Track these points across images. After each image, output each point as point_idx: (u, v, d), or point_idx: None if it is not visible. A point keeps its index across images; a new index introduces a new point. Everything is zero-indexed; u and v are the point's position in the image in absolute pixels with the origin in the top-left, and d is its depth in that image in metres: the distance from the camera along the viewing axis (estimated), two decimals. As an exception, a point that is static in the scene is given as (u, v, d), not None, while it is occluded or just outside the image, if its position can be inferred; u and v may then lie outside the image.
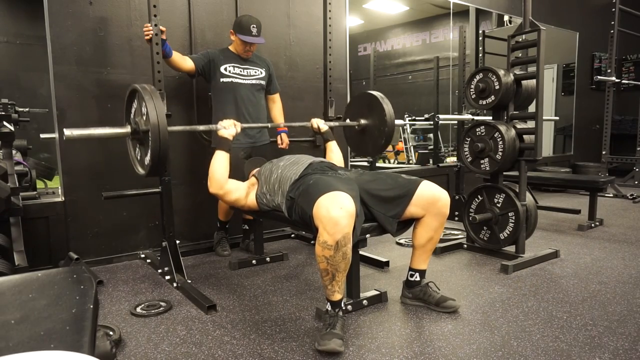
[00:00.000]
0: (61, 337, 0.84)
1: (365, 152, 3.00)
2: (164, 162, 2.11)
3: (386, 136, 2.71)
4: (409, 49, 6.88)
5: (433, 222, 2.05)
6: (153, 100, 2.03)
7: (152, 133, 2.00)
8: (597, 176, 4.63)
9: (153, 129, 2.00)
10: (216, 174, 2.21)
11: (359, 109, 2.88)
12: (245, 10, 3.31)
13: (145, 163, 2.17)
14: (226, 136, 2.27)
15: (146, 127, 2.04)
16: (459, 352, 1.73)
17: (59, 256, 2.77)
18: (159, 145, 2.02)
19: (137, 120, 2.14)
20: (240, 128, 2.34)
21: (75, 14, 2.75)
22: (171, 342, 1.86)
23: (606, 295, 2.28)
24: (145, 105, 2.03)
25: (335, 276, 1.77)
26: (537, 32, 2.65)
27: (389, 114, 2.68)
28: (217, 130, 2.29)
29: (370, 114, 2.80)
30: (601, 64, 6.78)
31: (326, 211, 1.69)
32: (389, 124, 2.68)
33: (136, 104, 2.19)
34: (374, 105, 2.76)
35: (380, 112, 2.70)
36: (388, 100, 2.75)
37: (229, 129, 2.28)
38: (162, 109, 2.05)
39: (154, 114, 2.01)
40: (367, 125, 2.81)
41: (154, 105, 2.02)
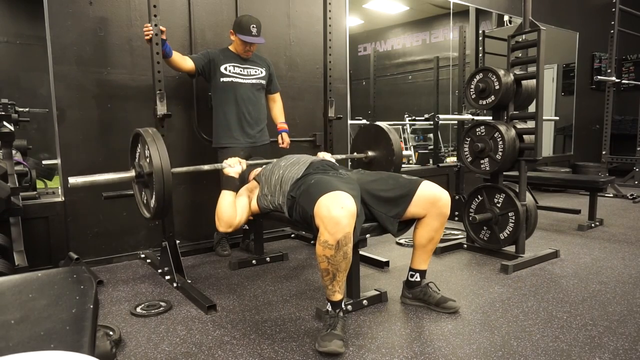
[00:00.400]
0: (61, 337, 0.84)
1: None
2: (168, 205, 2.09)
3: (395, 165, 2.78)
4: (409, 49, 6.88)
5: (434, 223, 2.05)
6: (156, 144, 2.04)
7: (156, 176, 2.01)
8: (597, 176, 4.63)
9: (157, 172, 2.01)
10: (224, 215, 2.11)
11: (365, 141, 2.97)
12: (245, 10, 3.31)
13: (150, 206, 2.17)
14: (232, 174, 2.21)
15: (150, 170, 2.06)
16: (459, 352, 1.73)
17: (59, 256, 2.77)
18: (162, 188, 2.02)
19: (142, 164, 2.15)
20: (245, 165, 2.30)
21: (75, 14, 2.75)
22: (171, 342, 1.86)
23: (606, 295, 2.28)
24: (148, 149, 2.04)
25: (335, 276, 1.77)
26: (537, 32, 2.65)
27: (395, 144, 2.77)
28: (223, 168, 2.25)
29: (377, 145, 2.89)
30: (601, 64, 6.78)
31: (327, 211, 1.69)
32: (396, 154, 2.77)
33: (140, 148, 2.20)
34: (380, 136, 2.86)
35: (387, 142, 2.79)
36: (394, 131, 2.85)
37: (235, 167, 2.23)
38: (165, 152, 2.05)
39: (157, 158, 2.01)
40: (374, 156, 2.88)
41: (157, 149, 2.03)
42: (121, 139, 2.90)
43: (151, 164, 2.04)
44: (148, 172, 2.09)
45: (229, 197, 2.14)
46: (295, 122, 3.59)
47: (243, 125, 2.96)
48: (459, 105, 4.49)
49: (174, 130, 3.10)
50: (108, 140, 2.91)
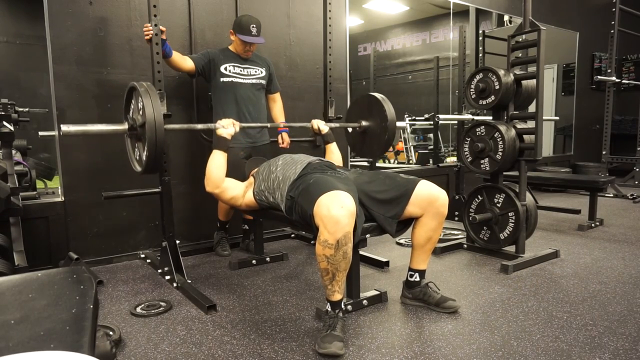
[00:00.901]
0: (61, 337, 0.84)
1: (369, 154, 3.01)
2: (160, 158, 2.11)
3: (388, 134, 2.71)
4: (409, 49, 6.88)
5: (431, 222, 2.04)
6: (150, 97, 2.03)
7: (148, 129, 2.01)
8: (597, 176, 4.62)
9: (149, 124, 2.00)
10: (213, 174, 2.21)
11: (360, 111, 2.89)
12: (245, 10, 3.31)
13: (142, 160, 2.17)
14: (225, 135, 2.26)
15: (142, 122, 2.05)
16: (459, 352, 1.73)
17: (59, 256, 2.77)
18: (154, 141, 2.02)
19: (135, 117, 2.15)
20: (239, 127, 2.34)
21: (75, 14, 2.75)
22: (171, 342, 1.86)
23: (606, 295, 2.28)
24: (141, 100, 2.04)
25: (335, 276, 1.77)
26: (537, 32, 2.65)
27: (389, 113, 2.70)
28: (216, 129, 2.29)
29: (371, 115, 2.80)
30: (601, 64, 6.78)
31: (327, 210, 1.69)
32: (390, 122, 2.69)
33: (134, 101, 2.19)
34: (374, 106, 2.77)
35: (381, 111, 2.71)
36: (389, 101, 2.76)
37: (228, 128, 2.28)
38: (158, 104, 2.05)
39: (150, 110, 2.01)
40: (368, 126, 2.81)
41: (151, 102, 2.02)
42: (121, 138, 2.89)
43: (144, 115, 2.02)
44: (141, 124, 2.08)
45: (219, 156, 2.23)
46: (295, 122, 3.58)
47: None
48: (459, 105, 4.49)
49: (174, 131, 3.10)
50: (108, 139, 2.91)
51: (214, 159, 2.23)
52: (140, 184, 2.75)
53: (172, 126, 2.30)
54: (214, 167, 2.21)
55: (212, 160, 2.23)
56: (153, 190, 2.59)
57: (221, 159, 2.23)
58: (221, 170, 2.22)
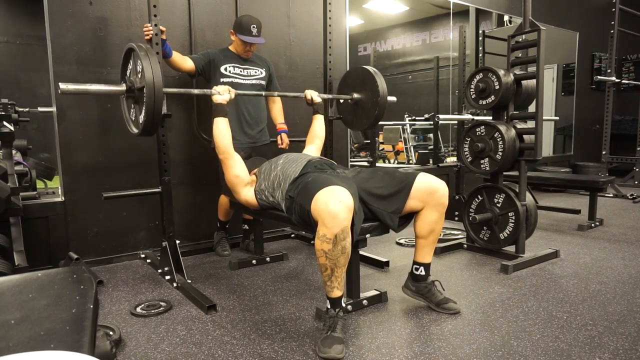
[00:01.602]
0: (61, 337, 0.84)
1: (358, 125, 3.05)
2: (158, 120, 2.13)
3: (379, 109, 2.75)
4: (409, 49, 6.88)
5: (433, 214, 2.04)
6: (149, 60, 2.04)
7: (147, 92, 2.01)
8: (597, 176, 4.62)
9: (148, 86, 2.01)
10: (221, 140, 2.27)
11: (352, 84, 2.93)
12: (245, 10, 3.31)
13: (139, 122, 2.17)
14: (220, 101, 2.32)
15: (141, 84, 2.05)
16: (459, 352, 1.73)
17: (59, 256, 2.77)
18: (153, 101, 2.03)
19: (133, 79, 2.14)
20: (234, 94, 2.40)
21: (75, 14, 2.75)
22: (171, 342, 1.86)
23: (606, 295, 2.28)
24: (140, 62, 2.04)
25: (334, 271, 1.77)
26: (537, 32, 2.65)
27: (382, 88, 2.75)
28: (212, 95, 2.33)
29: (364, 87, 2.85)
30: (601, 64, 6.78)
31: (325, 205, 1.69)
32: (381, 97, 2.74)
33: (132, 63, 2.19)
34: (366, 79, 2.82)
35: (373, 84, 2.76)
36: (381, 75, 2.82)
37: (224, 94, 2.34)
38: (158, 67, 2.06)
39: (149, 73, 2.02)
40: (360, 99, 2.86)
41: (150, 65, 2.03)
42: (121, 138, 2.90)
43: (143, 78, 2.02)
44: (139, 87, 2.08)
45: (222, 122, 2.30)
46: (295, 122, 3.59)
47: (243, 126, 2.96)
48: (459, 105, 4.49)
49: (174, 130, 3.10)
50: (108, 139, 2.91)
51: (218, 125, 2.29)
52: (140, 184, 2.75)
53: (170, 90, 2.34)
54: (220, 134, 2.27)
55: (216, 127, 2.29)
56: (153, 190, 2.58)
57: (224, 124, 2.29)
58: (227, 136, 2.28)
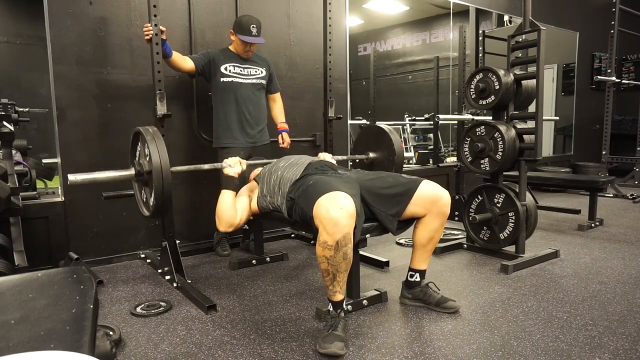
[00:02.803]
0: (61, 337, 0.84)
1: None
2: (167, 203, 2.10)
3: (396, 165, 2.79)
4: (409, 49, 6.88)
5: (434, 222, 2.04)
6: (156, 143, 2.05)
7: (155, 175, 2.02)
8: (597, 176, 4.62)
9: (156, 171, 2.02)
10: (224, 215, 2.11)
11: (366, 142, 2.98)
12: (245, 10, 3.31)
13: (150, 204, 2.18)
14: (232, 174, 2.20)
15: (149, 169, 2.07)
16: (459, 352, 1.73)
17: (59, 256, 2.77)
18: (162, 186, 2.04)
19: (141, 162, 2.16)
20: (245, 165, 2.28)
21: (75, 14, 2.75)
22: (171, 342, 1.86)
23: (606, 295, 2.28)
24: (147, 147, 2.05)
25: (336, 276, 1.77)
26: (537, 32, 2.65)
27: (397, 144, 2.79)
28: (222, 168, 2.24)
29: (378, 146, 2.90)
30: (601, 64, 6.77)
31: (326, 211, 1.69)
32: (397, 154, 2.78)
33: (140, 146, 2.20)
34: (381, 137, 2.87)
35: (389, 143, 2.81)
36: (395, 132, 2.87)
37: (235, 167, 2.22)
38: (164, 150, 2.06)
39: (156, 156, 2.03)
40: (375, 158, 2.89)
41: (157, 149, 2.04)
42: (121, 138, 2.90)
43: (150, 163, 2.04)
44: (147, 171, 2.10)
45: (228, 196, 2.14)
46: (295, 122, 3.59)
47: (243, 125, 2.96)
48: (459, 105, 4.49)
49: (174, 130, 3.10)
50: (108, 140, 2.91)
51: (224, 199, 2.13)
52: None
53: (179, 168, 2.26)
54: (225, 209, 2.11)
55: (222, 201, 2.13)
56: (153, 190, 2.58)
57: (231, 199, 2.14)
58: (233, 210, 2.13)
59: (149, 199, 2.18)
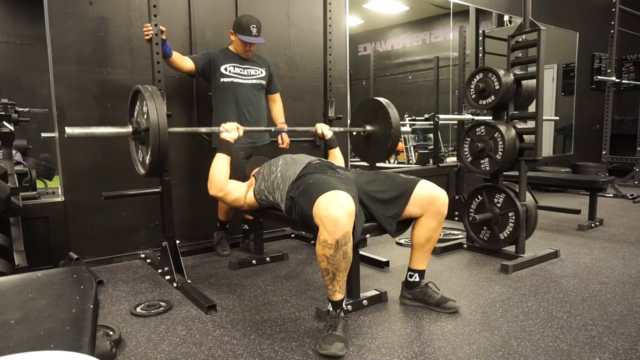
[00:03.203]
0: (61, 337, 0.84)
1: (372, 158, 3.04)
2: (163, 162, 2.12)
3: (392, 141, 2.75)
4: (409, 49, 6.88)
5: (431, 222, 2.04)
6: (154, 100, 2.05)
7: (152, 132, 2.02)
8: (597, 176, 4.63)
9: (153, 127, 2.02)
10: (216, 177, 2.20)
11: (364, 116, 2.94)
12: (245, 10, 3.31)
13: (146, 163, 2.18)
14: (228, 139, 2.25)
15: (147, 126, 2.06)
16: (459, 352, 1.73)
17: (59, 256, 2.77)
18: (158, 144, 2.03)
19: (139, 120, 2.15)
20: (242, 132, 2.33)
21: (75, 14, 2.75)
22: (171, 342, 1.86)
23: (606, 295, 2.28)
24: (146, 104, 2.05)
25: (336, 275, 1.77)
26: (537, 32, 2.65)
27: (394, 118, 2.75)
28: (219, 132, 2.28)
29: (376, 119, 2.85)
30: (601, 64, 6.77)
31: (326, 210, 1.69)
32: (394, 130, 2.74)
33: (138, 105, 2.20)
34: (379, 110, 2.82)
35: (386, 116, 2.76)
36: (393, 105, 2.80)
37: (232, 132, 2.27)
38: (163, 108, 2.07)
39: (154, 114, 2.03)
40: (372, 131, 2.86)
41: (155, 105, 2.04)
42: (121, 138, 2.89)
43: (148, 120, 2.03)
44: (145, 128, 2.09)
45: (222, 159, 2.22)
46: (296, 122, 3.59)
47: (243, 126, 2.95)
48: (459, 105, 4.49)
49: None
50: (108, 139, 2.91)
51: (218, 162, 2.22)
52: (140, 184, 2.75)
53: (176, 129, 2.31)
54: (217, 171, 2.21)
55: (215, 163, 2.22)
56: (153, 190, 2.59)
57: (224, 163, 2.22)
58: (224, 174, 2.21)
59: (146, 157, 2.18)
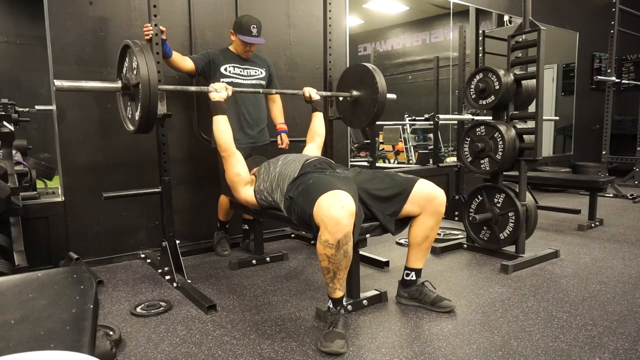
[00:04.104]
0: (61, 337, 0.84)
1: (358, 123, 3.04)
2: (153, 117, 2.12)
3: (378, 106, 2.74)
4: (409, 49, 6.88)
5: (429, 221, 2.05)
6: (144, 55, 2.03)
7: (142, 86, 2.01)
8: (597, 176, 4.62)
9: (143, 81, 2.01)
10: (221, 137, 2.26)
11: (351, 81, 2.93)
12: (245, 10, 3.31)
13: (135, 119, 2.17)
14: (217, 99, 2.31)
15: (136, 81, 2.04)
16: (459, 352, 1.73)
17: (59, 256, 2.77)
18: (148, 101, 2.02)
19: (128, 76, 2.14)
20: (231, 91, 2.39)
21: (75, 14, 2.75)
22: (171, 342, 1.86)
23: (606, 295, 2.28)
24: (136, 59, 2.03)
25: (336, 274, 1.78)
26: (537, 32, 2.65)
27: (381, 85, 2.74)
28: (209, 92, 2.32)
29: (363, 85, 2.84)
30: (601, 64, 6.77)
31: (327, 210, 1.69)
32: (380, 95, 2.74)
33: (127, 60, 2.18)
34: (365, 76, 2.80)
35: (372, 82, 2.75)
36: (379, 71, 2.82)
37: (221, 92, 2.33)
38: (153, 63, 2.06)
39: (144, 68, 2.01)
40: (359, 96, 2.85)
41: (145, 61, 2.02)
42: (121, 138, 2.90)
43: (138, 75, 2.02)
44: (134, 84, 2.08)
45: (221, 120, 2.29)
46: (295, 122, 3.59)
47: (243, 126, 2.96)
48: (459, 105, 4.49)
49: (174, 130, 3.10)
50: (108, 139, 2.91)
51: (217, 124, 2.28)
52: (140, 184, 2.75)
53: (166, 87, 2.33)
54: (221, 132, 2.27)
55: (215, 126, 2.29)
56: (153, 190, 2.58)
57: (223, 122, 2.29)
58: (228, 133, 2.27)
59: (135, 114, 2.16)
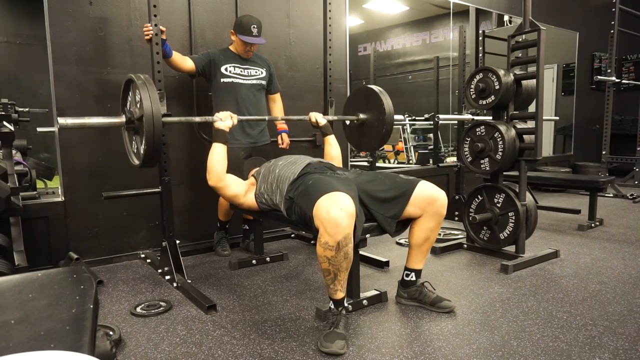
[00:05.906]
0: (61, 337, 0.84)
1: (367, 147, 3.03)
2: (158, 151, 2.11)
3: (386, 127, 2.72)
4: (409, 49, 6.88)
5: (430, 222, 2.04)
6: (147, 90, 2.03)
7: (146, 119, 2.00)
8: (597, 176, 4.62)
9: (147, 115, 2.00)
10: (214, 167, 2.22)
11: (357, 104, 2.91)
12: (245, 10, 3.31)
13: (140, 153, 2.17)
14: (222, 128, 2.28)
15: (140, 115, 2.04)
16: (459, 352, 1.73)
17: (59, 256, 2.77)
18: (152, 135, 2.01)
19: (132, 110, 2.14)
20: (237, 120, 2.36)
21: (75, 14, 2.75)
22: (171, 342, 1.86)
23: (606, 295, 2.28)
24: (139, 93, 2.03)
25: (337, 276, 1.78)
26: (537, 32, 2.65)
27: (387, 106, 2.72)
28: (214, 122, 2.30)
29: (369, 107, 2.82)
30: (601, 64, 6.77)
31: (326, 212, 1.69)
32: (387, 116, 2.71)
33: (131, 94, 2.18)
34: (372, 99, 2.79)
35: (379, 104, 2.73)
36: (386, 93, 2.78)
37: (226, 120, 2.30)
38: (156, 96, 2.05)
39: (147, 103, 2.00)
40: (366, 119, 2.83)
41: (149, 95, 2.02)
42: (121, 139, 2.89)
43: (142, 109, 2.01)
44: (138, 117, 2.07)
45: (219, 149, 2.24)
46: (296, 122, 3.58)
47: (243, 126, 2.96)
48: (459, 105, 4.49)
49: (174, 130, 3.10)
50: (108, 139, 2.91)
51: (214, 151, 2.25)
52: (140, 184, 2.75)
53: (170, 119, 2.31)
54: (215, 161, 2.23)
55: (212, 153, 2.25)
56: (153, 190, 2.59)
57: (221, 152, 2.25)
58: (222, 164, 2.23)
59: (140, 148, 2.15)
